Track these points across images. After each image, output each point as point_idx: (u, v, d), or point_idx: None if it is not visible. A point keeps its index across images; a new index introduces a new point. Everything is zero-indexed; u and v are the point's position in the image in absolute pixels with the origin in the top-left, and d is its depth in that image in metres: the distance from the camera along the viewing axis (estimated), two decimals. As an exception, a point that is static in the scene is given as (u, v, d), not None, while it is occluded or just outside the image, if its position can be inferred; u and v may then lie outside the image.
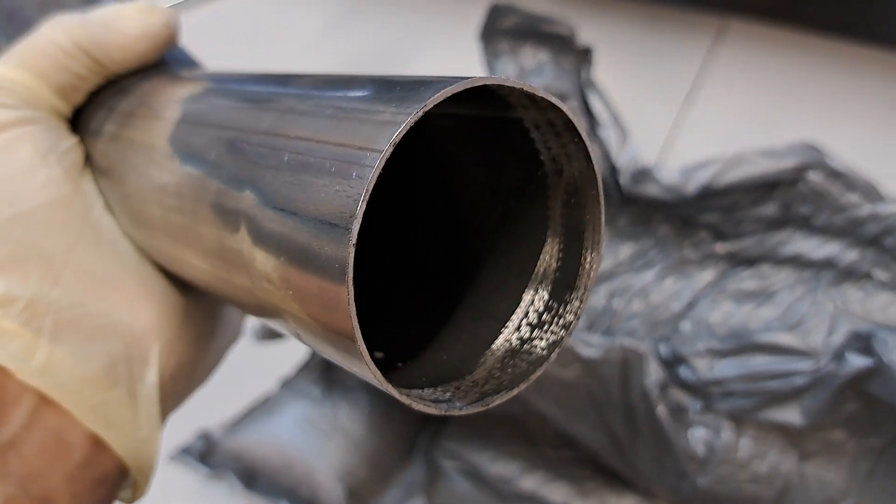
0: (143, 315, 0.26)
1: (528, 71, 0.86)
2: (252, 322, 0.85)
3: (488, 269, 0.25)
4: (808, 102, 1.10)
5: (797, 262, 0.83)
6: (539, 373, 0.22)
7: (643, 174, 0.84)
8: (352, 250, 0.17)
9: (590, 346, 0.70)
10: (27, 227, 0.25)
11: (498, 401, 0.22)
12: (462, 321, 0.25)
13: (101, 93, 0.30)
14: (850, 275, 0.82)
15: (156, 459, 0.28)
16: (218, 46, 1.39)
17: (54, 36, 0.28)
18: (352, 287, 0.17)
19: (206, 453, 0.82)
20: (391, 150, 0.17)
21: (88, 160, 0.28)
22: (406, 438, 0.86)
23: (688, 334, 0.79)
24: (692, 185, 0.82)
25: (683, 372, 0.70)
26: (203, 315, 0.30)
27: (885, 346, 0.61)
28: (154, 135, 0.26)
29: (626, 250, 0.90)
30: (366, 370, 0.19)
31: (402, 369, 0.24)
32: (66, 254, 0.25)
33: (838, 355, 0.63)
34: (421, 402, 0.21)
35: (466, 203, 0.27)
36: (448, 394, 0.22)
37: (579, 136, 0.21)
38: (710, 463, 0.69)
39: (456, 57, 1.06)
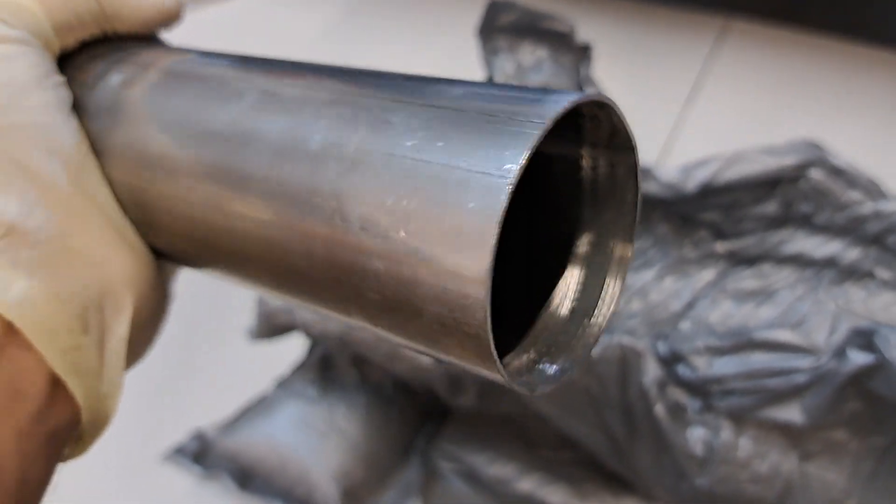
0: (119, 262, 0.26)
1: (527, 68, 0.85)
2: (248, 320, 0.84)
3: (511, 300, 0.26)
4: (811, 102, 1.10)
5: (798, 260, 0.82)
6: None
7: (642, 172, 0.83)
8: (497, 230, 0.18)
9: (587, 344, 0.69)
10: (16, 141, 0.24)
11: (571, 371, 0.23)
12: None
13: (94, 47, 0.29)
14: (851, 274, 0.81)
15: (111, 418, 0.27)
16: (218, 46, 1.38)
17: None
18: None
19: (201, 454, 0.81)
20: (549, 126, 0.18)
21: (75, 106, 0.28)
22: (403, 439, 0.85)
23: (687, 333, 0.78)
24: (692, 183, 0.81)
25: (682, 370, 0.69)
26: (165, 279, 0.29)
27: (888, 342, 0.60)
28: (170, 96, 0.25)
29: (625, 249, 0.89)
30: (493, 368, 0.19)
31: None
32: (51, 179, 0.24)
33: (839, 352, 0.62)
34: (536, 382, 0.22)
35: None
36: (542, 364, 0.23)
37: (636, 181, 0.23)
38: (710, 463, 0.68)
39: (455, 55, 1.05)
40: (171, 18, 0.30)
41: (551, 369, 0.23)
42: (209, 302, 0.97)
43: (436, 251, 0.18)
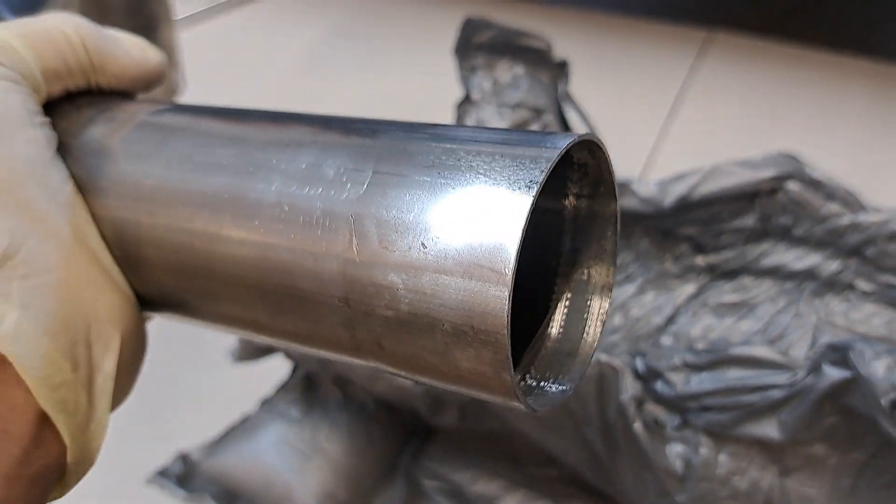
0: (106, 299, 0.26)
1: (504, 85, 0.86)
2: (230, 341, 0.85)
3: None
4: (793, 112, 1.10)
5: (778, 273, 0.82)
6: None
7: (621, 187, 0.84)
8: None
9: (565, 361, 0.69)
10: (9, 172, 0.24)
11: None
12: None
13: (78, 98, 0.30)
14: (832, 286, 0.81)
15: (96, 459, 0.27)
16: (208, 63, 1.39)
17: (62, 24, 0.29)
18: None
19: (185, 476, 0.81)
20: (554, 163, 0.20)
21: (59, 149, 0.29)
22: (387, 458, 0.85)
23: (668, 348, 0.78)
24: (669, 198, 0.81)
25: (659, 387, 0.69)
26: (144, 320, 0.30)
27: (862, 357, 0.60)
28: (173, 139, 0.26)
29: (607, 264, 0.89)
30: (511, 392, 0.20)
31: None
32: (43, 212, 0.24)
33: (815, 368, 0.62)
34: (548, 394, 0.23)
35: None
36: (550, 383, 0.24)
37: (615, 231, 0.24)
38: (690, 479, 0.67)
39: (438, 72, 1.06)
40: (153, 80, 0.31)
41: (553, 389, 0.24)
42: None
43: (459, 259, 0.19)
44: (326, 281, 0.22)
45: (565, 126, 0.85)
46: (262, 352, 0.83)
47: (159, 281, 0.27)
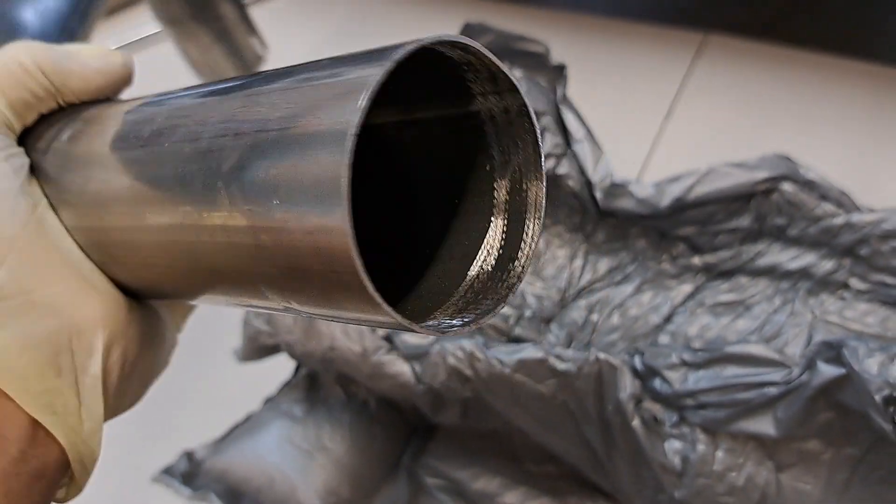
0: (86, 306, 0.27)
1: (503, 89, 0.87)
2: (235, 340, 0.86)
3: (440, 253, 0.27)
4: (789, 115, 1.11)
5: (774, 273, 0.84)
6: (482, 323, 0.24)
7: (618, 189, 0.85)
8: (349, 163, 0.18)
9: (565, 360, 0.71)
10: None
11: (484, 320, 0.24)
12: (411, 284, 0.27)
13: (52, 116, 0.31)
14: (827, 285, 0.82)
15: (98, 454, 0.28)
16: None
17: (18, 55, 0.29)
18: (349, 211, 0.18)
19: (190, 474, 0.82)
20: (391, 67, 0.19)
21: (34, 171, 0.30)
22: (389, 456, 0.86)
23: (666, 347, 0.79)
24: (666, 199, 0.83)
25: (658, 384, 0.70)
26: (144, 316, 0.31)
27: (855, 354, 0.61)
28: (102, 138, 0.27)
29: (604, 265, 0.91)
30: (366, 297, 0.20)
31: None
32: (11, 240, 0.26)
33: (810, 365, 0.63)
34: (443, 326, 0.23)
35: (420, 199, 0.29)
36: (446, 319, 0.24)
37: (531, 121, 0.23)
38: (687, 475, 0.69)
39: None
40: (122, 80, 0.31)
41: (459, 322, 0.24)
42: (196, 323, 0.98)
43: (303, 210, 0.19)
44: (221, 251, 0.23)
45: (564, 130, 0.86)
46: (265, 352, 0.84)
47: (137, 276, 0.28)
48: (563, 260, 0.92)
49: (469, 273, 0.26)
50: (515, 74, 0.85)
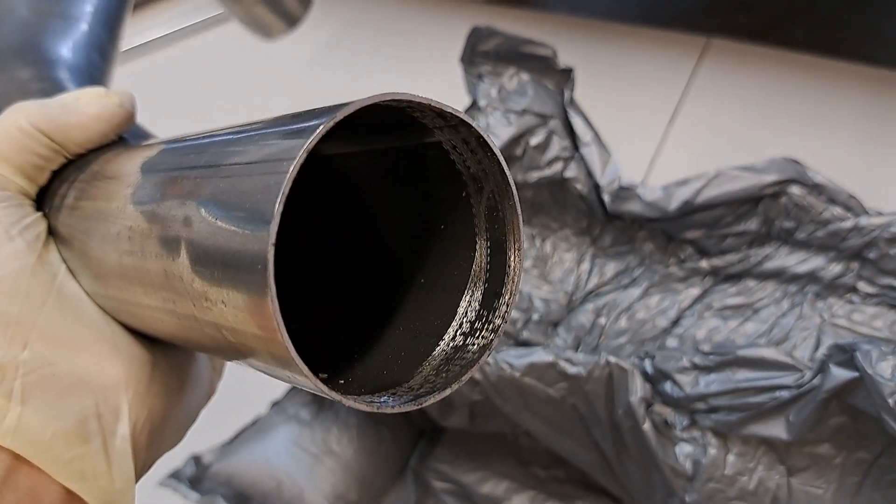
0: (110, 371, 0.27)
1: (511, 91, 0.87)
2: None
3: (422, 288, 0.27)
4: (793, 118, 1.11)
5: (781, 276, 0.84)
6: (470, 374, 0.24)
7: (626, 192, 0.85)
8: (271, 249, 0.19)
9: (575, 364, 0.70)
10: None
11: (430, 401, 0.24)
12: (400, 339, 0.27)
13: (65, 170, 0.31)
14: (835, 288, 0.82)
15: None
16: (207, 77, 1.41)
17: (16, 120, 0.29)
18: (272, 287, 0.19)
19: (197, 478, 0.82)
20: (303, 156, 0.19)
21: (52, 233, 0.30)
22: (396, 460, 0.85)
23: (676, 350, 0.79)
24: (674, 202, 0.83)
25: (668, 388, 0.70)
26: (171, 368, 0.31)
27: (868, 358, 0.61)
28: (109, 197, 0.28)
29: (611, 268, 0.91)
30: (294, 365, 0.20)
31: (344, 385, 0.25)
32: (33, 318, 0.27)
33: (822, 368, 0.63)
34: (352, 400, 0.23)
35: (395, 229, 0.29)
36: (383, 398, 0.24)
37: (492, 150, 0.23)
38: (698, 479, 0.69)
39: (440, 81, 1.07)
40: (123, 121, 0.31)
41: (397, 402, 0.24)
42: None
43: (239, 302, 0.20)
44: (196, 334, 0.24)
45: (572, 133, 0.86)
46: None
47: (154, 333, 0.28)
48: (570, 263, 0.92)
49: (453, 321, 0.26)
50: (523, 79, 0.85)
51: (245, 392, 0.90)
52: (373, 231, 0.30)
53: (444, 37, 1.25)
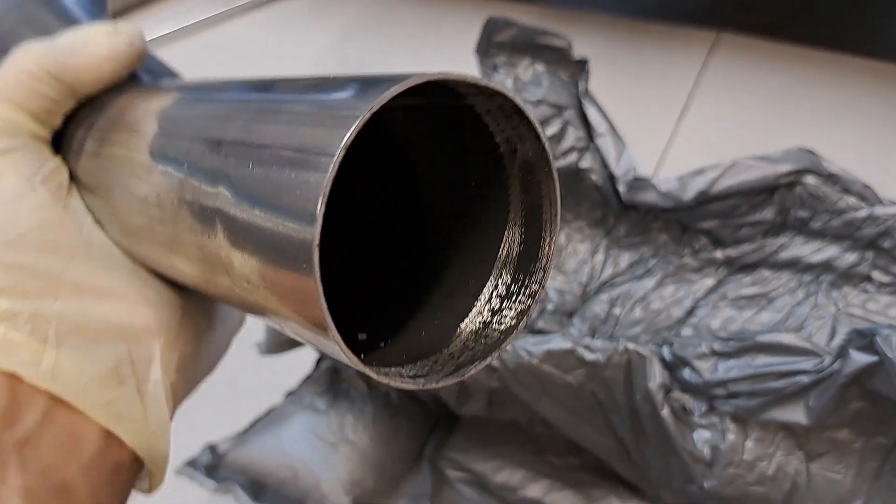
0: (141, 318, 0.28)
1: (526, 82, 0.87)
2: (258, 334, 0.86)
3: (458, 250, 0.27)
4: (800, 112, 1.12)
5: (796, 266, 0.84)
6: (510, 341, 0.24)
7: (641, 182, 0.85)
8: (316, 250, 0.18)
9: (593, 350, 0.71)
10: (22, 251, 0.26)
11: (473, 370, 0.24)
12: (437, 299, 0.27)
13: (79, 112, 0.30)
14: (850, 277, 0.82)
15: (167, 451, 0.29)
16: (221, 66, 1.41)
17: (24, 63, 0.28)
18: (319, 283, 0.19)
19: (213, 466, 0.82)
20: (343, 153, 0.18)
21: (73, 178, 0.30)
22: (411, 449, 0.85)
23: (694, 337, 0.79)
24: (690, 192, 0.83)
25: (687, 374, 0.70)
26: (200, 310, 0.31)
27: (889, 342, 0.61)
28: (132, 149, 0.27)
29: (625, 259, 0.91)
30: (341, 355, 0.20)
31: (384, 349, 0.25)
32: (62, 271, 0.27)
33: (842, 353, 0.63)
34: (399, 380, 0.22)
35: (432, 190, 0.29)
36: (426, 368, 0.24)
37: (527, 117, 0.23)
38: (717, 465, 0.69)
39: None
40: (134, 59, 0.30)
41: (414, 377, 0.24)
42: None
43: (277, 264, 0.20)
44: (236, 296, 0.23)
45: (586, 123, 0.87)
46: (290, 344, 0.84)
47: (186, 286, 0.28)
48: (584, 254, 0.92)
49: (488, 282, 0.26)
50: (538, 70, 0.86)
51: (260, 382, 0.90)
52: (405, 193, 0.30)
53: (458, 28, 1.26)
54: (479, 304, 0.26)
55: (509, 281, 0.25)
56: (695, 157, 1.01)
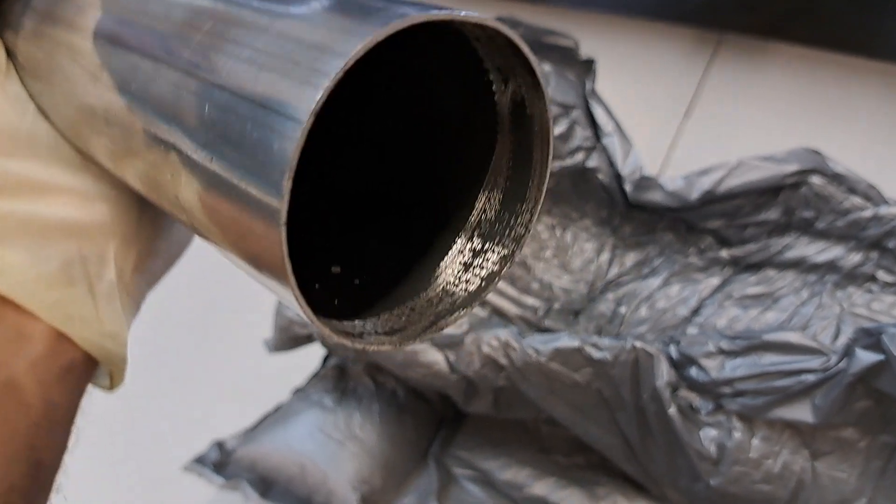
0: (93, 215, 0.26)
1: (534, 82, 0.88)
2: (267, 332, 0.86)
3: (440, 187, 0.25)
4: (804, 112, 1.12)
5: (801, 265, 0.85)
6: (490, 289, 0.23)
7: (647, 181, 0.86)
8: (283, 228, 0.17)
9: (600, 349, 0.71)
10: None
11: (452, 320, 0.22)
12: (415, 237, 0.25)
13: None
14: (854, 277, 0.83)
15: (124, 353, 0.28)
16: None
17: None
18: (287, 259, 0.17)
19: (221, 463, 0.82)
20: (313, 119, 0.16)
21: (11, 58, 0.27)
22: (418, 446, 0.86)
23: (701, 336, 0.80)
24: (696, 192, 0.83)
25: (694, 372, 0.70)
26: (153, 214, 0.29)
27: (895, 341, 0.62)
28: (76, 32, 0.24)
29: (631, 258, 0.91)
30: (293, 301, 0.19)
31: (357, 298, 0.24)
32: (4, 164, 0.25)
33: (848, 352, 0.64)
34: (374, 339, 0.21)
35: (418, 118, 0.26)
36: (403, 318, 0.23)
37: (519, 49, 0.20)
38: (723, 463, 0.69)
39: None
40: None
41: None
42: (228, 315, 0.99)
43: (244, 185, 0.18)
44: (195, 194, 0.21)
45: (593, 122, 0.87)
46: (297, 342, 0.84)
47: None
48: (590, 253, 0.92)
49: (472, 215, 0.24)
50: (545, 69, 0.86)
51: (268, 379, 0.91)
52: (395, 122, 0.27)
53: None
54: (459, 241, 0.24)
55: (493, 218, 0.24)
56: (699, 156, 1.01)
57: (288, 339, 0.83)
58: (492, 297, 0.89)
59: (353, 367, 0.88)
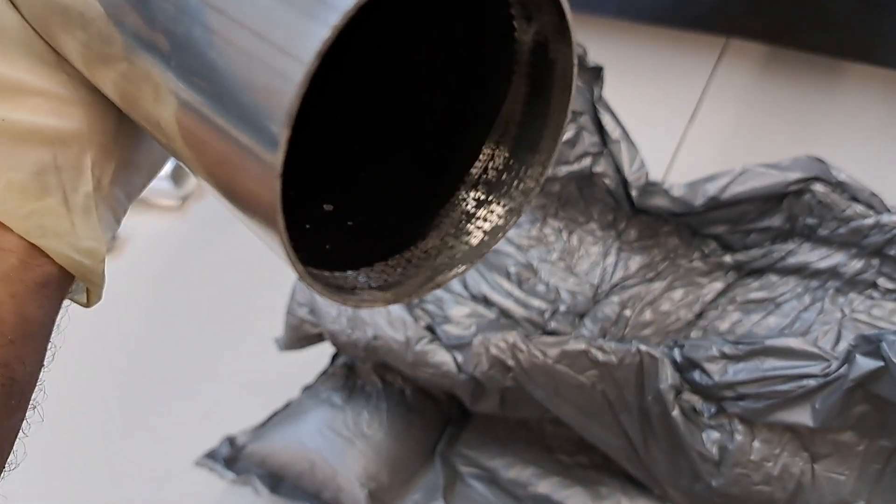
0: (69, 121, 0.25)
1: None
2: (277, 330, 0.87)
3: (448, 124, 0.23)
4: (811, 118, 1.14)
5: (804, 272, 0.86)
6: (493, 244, 0.21)
7: (653, 187, 0.87)
8: (279, 179, 0.15)
9: (606, 352, 0.73)
10: None
11: (450, 277, 0.20)
12: (417, 179, 0.23)
13: None
14: (855, 284, 0.84)
15: (102, 269, 0.26)
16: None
17: None
18: (281, 216, 0.16)
19: (232, 458, 0.84)
20: (318, 61, 0.15)
21: None
22: (425, 445, 0.88)
23: (705, 340, 0.81)
24: (700, 197, 0.85)
25: (697, 376, 0.72)
26: (131, 125, 0.27)
27: (894, 347, 0.63)
28: None
29: (636, 262, 0.93)
30: (278, 244, 0.17)
31: (352, 247, 0.22)
32: None
33: (848, 358, 0.65)
34: (367, 296, 0.19)
35: (428, 55, 0.24)
36: (398, 271, 0.21)
37: None
38: (724, 465, 0.71)
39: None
40: None
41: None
42: (239, 313, 1.00)
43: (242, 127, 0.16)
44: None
45: (600, 128, 0.89)
46: (307, 341, 0.86)
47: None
48: (595, 257, 0.94)
49: (478, 160, 0.22)
50: None
51: (278, 376, 0.93)
52: (391, 57, 0.25)
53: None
54: (462, 189, 0.22)
55: (501, 167, 0.22)
56: (704, 162, 1.02)
57: (298, 338, 0.84)
58: (498, 298, 0.91)
59: (361, 366, 0.89)
